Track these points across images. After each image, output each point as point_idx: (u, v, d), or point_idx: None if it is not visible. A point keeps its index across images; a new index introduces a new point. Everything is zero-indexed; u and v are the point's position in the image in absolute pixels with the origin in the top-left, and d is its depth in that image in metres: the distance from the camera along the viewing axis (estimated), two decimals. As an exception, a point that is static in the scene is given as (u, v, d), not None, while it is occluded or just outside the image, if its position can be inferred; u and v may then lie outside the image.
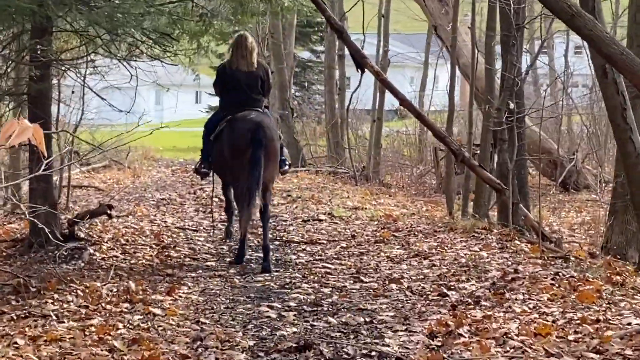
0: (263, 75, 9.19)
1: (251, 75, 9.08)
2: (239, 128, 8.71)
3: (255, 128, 8.61)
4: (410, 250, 9.56)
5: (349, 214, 13.22)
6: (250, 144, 8.56)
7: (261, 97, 9.21)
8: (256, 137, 8.55)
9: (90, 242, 9.41)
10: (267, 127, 8.74)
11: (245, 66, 9.05)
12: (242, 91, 9.01)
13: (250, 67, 9.07)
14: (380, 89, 18.63)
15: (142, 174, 19.33)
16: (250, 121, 8.71)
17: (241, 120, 8.76)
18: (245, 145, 8.58)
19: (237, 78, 9.01)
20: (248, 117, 8.77)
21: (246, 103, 8.99)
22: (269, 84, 9.34)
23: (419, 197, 17.65)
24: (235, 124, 8.78)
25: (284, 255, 9.69)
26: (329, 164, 19.64)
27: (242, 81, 9.04)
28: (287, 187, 16.48)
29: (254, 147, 8.55)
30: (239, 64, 9.05)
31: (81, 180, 17.13)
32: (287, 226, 12.08)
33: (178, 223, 12.02)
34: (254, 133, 8.57)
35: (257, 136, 8.55)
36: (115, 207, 9.65)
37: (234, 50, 9.09)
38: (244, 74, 9.06)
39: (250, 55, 9.07)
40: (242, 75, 9.05)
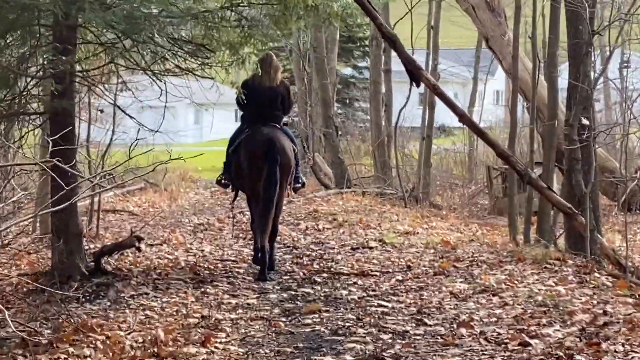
0: (284, 92, 9.59)
1: (273, 91, 9.49)
2: (253, 145, 9.17)
3: (268, 143, 9.07)
4: (476, 284, 8.48)
5: (401, 239, 12.17)
6: (264, 160, 9.03)
7: (281, 113, 9.61)
8: (270, 152, 9.02)
9: (119, 277, 8.44)
10: (280, 143, 9.15)
11: (267, 82, 9.44)
12: (262, 106, 9.41)
13: (272, 83, 9.47)
14: (430, 105, 17.58)
15: (179, 196, 18.42)
16: (264, 137, 9.15)
17: (254, 136, 9.21)
18: (260, 159, 9.06)
19: (259, 93, 9.35)
20: (262, 133, 9.20)
21: (265, 117, 9.39)
22: (289, 101, 9.75)
23: (473, 220, 16.55)
24: (250, 140, 9.23)
25: (334, 291, 8.65)
26: (376, 185, 18.60)
27: (263, 96, 9.41)
28: (333, 210, 15.47)
29: (269, 164, 9.02)
30: (262, 80, 9.41)
31: (115, 204, 16.24)
32: (334, 254, 11.06)
33: (216, 252, 11.04)
34: (267, 150, 9.04)
35: (271, 151, 9.03)
36: (144, 239, 8.69)
37: (259, 66, 9.35)
38: (265, 90, 9.44)
39: (274, 72, 9.51)
40: (264, 91, 9.42)
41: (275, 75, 9.51)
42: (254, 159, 9.16)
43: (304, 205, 16.30)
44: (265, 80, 9.43)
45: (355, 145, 24.87)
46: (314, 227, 13.63)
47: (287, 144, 9.32)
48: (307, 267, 9.98)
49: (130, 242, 8.22)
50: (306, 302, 8.08)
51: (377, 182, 18.73)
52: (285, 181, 9.35)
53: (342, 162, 18.50)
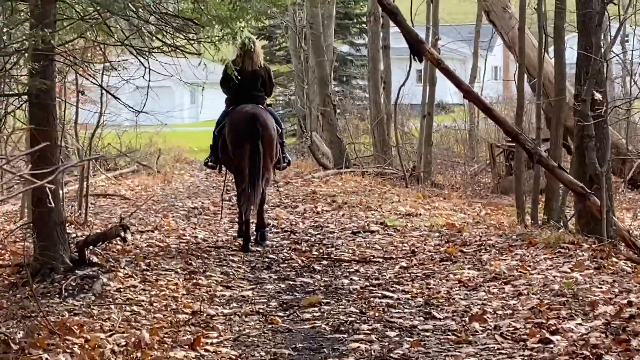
0: (265, 75, 10.02)
1: (254, 74, 9.88)
2: (237, 121, 9.57)
3: (251, 120, 9.44)
4: (485, 271, 7.95)
5: (404, 222, 11.65)
6: (248, 135, 9.40)
7: (263, 94, 10.04)
8: (253, 128, 9.40)
9: (105, 269, 7.90)
10: (262, 118, 9.51)
11: (249, 65, 9.81)
12: (245, 88, 9.75)
13: (254, 67, 9.85)
14: (430, 81, 17.00)
15: (173, 178, 17.84)
16: (247, 113, 9.53)
17: (238, 113, 9.60)
18: (244, 136, 9.43)
19: (242, 75, 9.46)
20: (244, 110, 9.59)
21: (248, 98, 9.80)
22: (271, 82, 10.16)
23: (476, 199, 15.99)
24: (234, 117, 9.63)
25: (335, 280, 8.12)
26: (376, 164, 18.03)
27: (245, 79, 9.62)
28: (332, 191, 14.93)
29: (252, 138, 9.39)
30: (244, 63, 9.76)
31: (106, 188, 15.68)
32: (334, 239, 10.53)
33: (210, 239, 10.50)
34: (250, 124, 9.42)
35: (254, 127, 9.40)
36: (129, 228, 8.13)
37: (242, 50, 9.75)
38: (247, 73, 9.74)
39: (256, 56, 9.89)
40: (246, 74, 9.68)
41: (257, 59, 9.90)
42: (237, 135, 9.52)
43: (301, 186, 15.76)
44: (247, 64, 9.78)
45: (354, 123, 24.27)
46: (312, 210, 13.10)
47: (269, 121, 9.67)
48: (306, 254, 9.45)
49: (116, 231, 7.66)
50: (305, 293, 7.56)
51: (377, 162, 18.17)
52: (269, 156, 9.64)
53: (340, 142, 17.91)
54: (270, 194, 14.94)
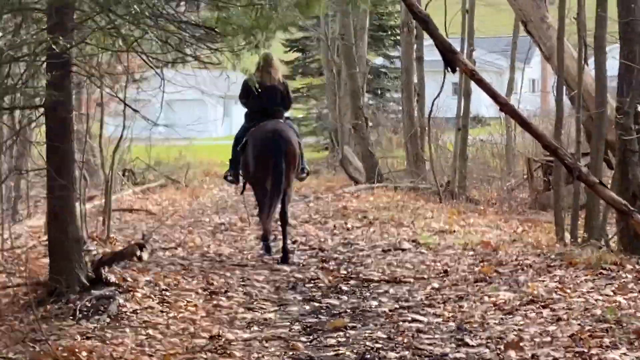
0: (283, 90, 10.16)
1: (273, 88, 9.98)
2: (260, 138, 9.67)
3: (273, 136, 9.60)
4: (522, 293, 7.50)
5: (437, 240, 11.23)
6: (271, 151, 9.53)
7: (282, 108, 10.17)
8: (276, 145, 9.54)
9: (122, 289, 7.54)
10: (284, 134, 9.68)
11: (268, 80, 9.87)
12: (264, 103, 9.89)
13: (272, 82, 9.97)
14: (465, 93, 16.56)
15: (202, 193, 17.53)
16: (269, 130, 9.67)
17: (261, 130, 9.69)
18: (268, 153, 9.55)
19: (260, 91, 9.40)
20: (266, 127, 9.71)
21: (267, 113, 9.91)
22: (289, 97, 10.33)
23: (513, 215, 15.50)
24: (256, 134, 9.71)
25: (363, 302, 7.72)
26: (409, 179, 17.60)
27: (264, 93, 9.67)
28: (363, 206, 14.54)
29: (276, 154, 9.51)
30: (262, 78, 9.70)
31: (133, 203, 15.40)
32: (364, 257, 10.13)
33: (235, 257, 10.14)
34: (273, 141, 9.56)
35: (277, 144, 9.54)
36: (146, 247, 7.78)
37: (260, 66, 9.85)
38: (266, 88, 9.75)
39: (274, 71, 10.03)
40: (265, 89, 9.66)
41: (275, 74, 10.04)
42: (260, 151, 9.63)
43: (332, 201, 15.38)
44: (265, 79, 9.83)
45: (387, 137, 23.85)
46: (342, 226, 12.72)
47: (291, 135, 9.82)
48: (334, 273, 9.06)
49: (132, 250, 7.32)
50: (331, 316, 7.16)
51: (410, 176, 17.74)
52: (291, 171, 9.78)
53: (372, 156, 17.50)
54: (300, 210, 14.60)
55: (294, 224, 12.99)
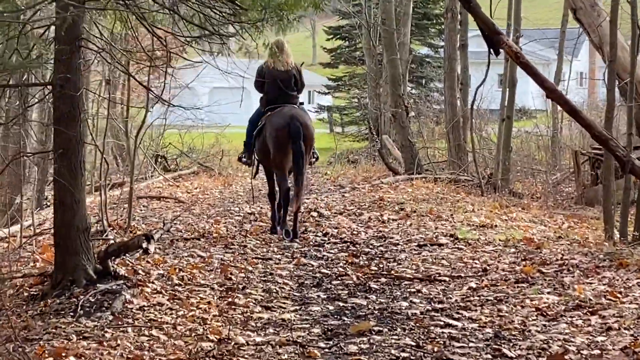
0: (296, 74, 10.43)
1: (286, 74, 10.33)
2: (277, 124, 10.00)
3: (291, 122, 9.93)
4: (568, 297, 6.81)
5: (476, 235, 10.55)
6: (290, 136, 9.90)
7: (295, 93, 10.45)
8: (295, 129, 9.88)
9: (131, 282, 6.97)
10: (302, 119, 10.04)
11: (280, 66, 10.27)
12: (278, 88, 10.26)
13: (285, 67, 10.30)
14: (510, 82, 15.80)
15: (235, 181, 16.94)
16: (287, 115, 10.01)
17: (278, 115, 10.05)
18: (286, 137, 9.91)
19: (274, 76, 10.22)
20: (283, 112, 10.06)
21: (282, 98, 10.26)
22: (301, 82, 10.51)
23: (558, 211, 14.74)
24: (275, 119, 10.05)
25: (392, 302, 7.07)
26: (450, 170, 16.87)
27: (278, 79, 10.25)
28: (400, 198, 13.85)
29: (295, 138, 9.88)
30: (275, 64, 10.23)
31: (163, 190, 14.86)
32: (397, 253, 9.48)
33: (260, 248, 9.55)
34: (292, 126, 9.90)
35: (294, 128, 9.89)
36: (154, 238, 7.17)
37: (273, 52, 9.83)
38: (280, 73, 10.28)
39: (286, 57, 10.30)
40: (279, 74, 10.27)
41: (287, 60, 10.32)
42: (280, 136, 9.96)
43: (368, 192, 14.71)
44: (278, 65, 10.25)
45: (429, 127, 23.09)
46: (377, 219, 12.05)
47: (308, 121, 10.22)
48: (363, 270, 8.42)
49: (138, 242, 6.73)
50: (355, 318, 6.52)
51: (451, 168, 17.00)
52: (308, 154, 10.17)
53: (412, 145, 16.76)
54: (335, 200, 13.98)
55: (327, 215, 12.38)
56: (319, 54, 65.96)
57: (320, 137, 36.09)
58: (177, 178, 16.64)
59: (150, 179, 15.89)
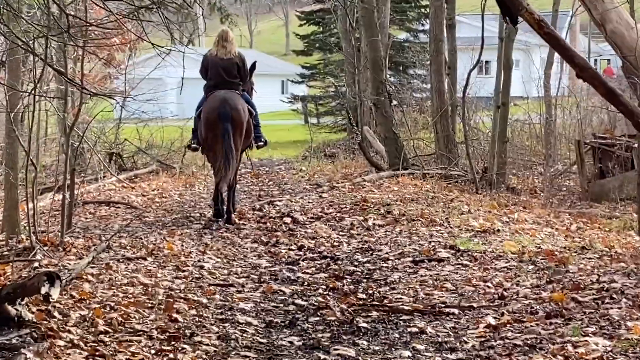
0: (239, 62, 10.73)
1: (229, 61, 10.64)
2: (209, 107, 10.40)
3: (221, 104, 10.29)
4: (623, 342, 5.09)
5: (480, 244, 8.87)
6: (218, 117, 10.23)
7: (238, 80, 10.71)
8: (223, 111, 10.24)
9: (40, 332, 5.17)
10: (231, 101, 10.35)
11: (223, 54, 10.61)
12: (219, 75, 10.58)
13: (228, 55, 10.63)
14: (505, 65, 14.07)
15: (199, 181, 15.09)
16: (218, 98, 10.37)
17: (212, 98, 10.46)
18: (215, 119, 10.26)
19: (216, 64, 10.58)
20: (217, 95, 10.42)
21: (223, 85, 10.56)
22: (245, 70, 10.81)
23: (562, 209, 13.03)
24: (207, 102, 10.49)
25: (388, 351, 5.32)
26: (439, 165, 15.11)
27: (220, 66, 10.59)
28: (386, 198, 12.10)
29: (222, 120, 10.21)
30: (218, 53, 10.63)
31: (115, 193, 13.04)
32: (389, 272, 7.75)
33: (220, 269, 7.77)
34: (220, 108, 10.27)
35: (224, 110, 10.24)
36: (60, 277, 5.32)
37: (217, 41, 10.72)
38: (222, 61, 10.61)
39: (229, 45, 10.67)
40: (221, 62, 10.61)
41: (230, 48, 10.66)
42: (209, 118, 10.32)
43: (349, 192, 12.93)
44: (221, 53, 10.61)
45: (412, 117, 21.31)
46: (361, 225, 10.33)
47: (240, 104, 10.46)
48: (348, 299, 6.66)
49: (37, 283, 4.90)
50: None
51: (440, 162, 15.24)
52: (239, 137, 10.41)
53: (397, 138, 14.96)
54: (311, 202, 12.23)
55: (302, 221, 10.65)
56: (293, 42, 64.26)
57: (295, 129, 34.28)
58: (133, 178, 14.79)
59: (102, 180, 14.04)
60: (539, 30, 6.49)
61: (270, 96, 48.35)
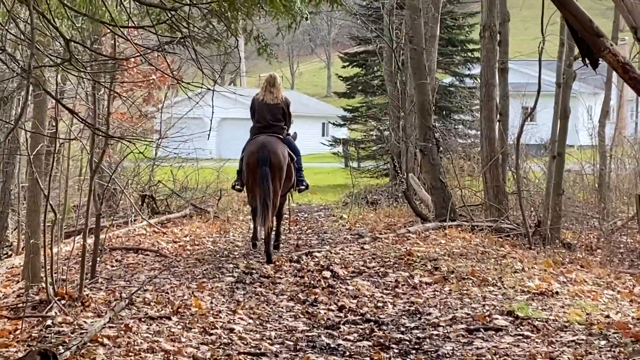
0: (285, 107, 11.14)
1: (275, 106, 11.05)
2: (249, 150, 10.80)
3: (259, 149, 10.64)
4: None
5: (539, 309, 8.00)
6: (258, 161, 10.58)
7: (282, 123, 11.10)
8: (262, 155, 10.58)
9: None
10: (271, 146, 10.67)
11: (270, 99, 11.03)
12: (264, 118, 10.99)
13: (275, 100, 11.05)
14: (562, 113, 13.20)
15: (234, 227, 14.32)
16: (259, 142, 10.75)
17: (253, 142, 10.87)
18: (254, 163, 10.62)
19: (263, 108, 10.99)
20: (258, 139, 10.82)
21: (267, 128, 10.95)
22: (289, 114, 11.22)
23: (623, 269, 12.08)
24: (249, 147, 10.89)
25: None
26: (488, 217, 14.21)
27: (266, 110, 11.00)
28: (432, 252, 11.24)
29: (260, 164, 10.56)
30: (265, 97, 11.04)
31: (145, 238, 12.31)
32: (440, 341, 6.91)
33: (253, 332, 6.97)
34: (259, 153, 10.61)
35: (262, 154, 10.58)
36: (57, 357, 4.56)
37: (264, 86, 11.16)
38: (268, 105, 11.02)
39: (276, 91, 11.10)
40: (267, 107, 11.01)
41: (277, 94, 11.07)
42: (249, 162, 10.67)
43: (393, 244, 12.09)
44: (268, 98, 11.01)
45: (458, 164, 20.45)
46: (406, 282, 9.50)
47: (280, 148, 10.76)
48: (397, 377, 5.82)
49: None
50: None
51: (489, 213, 14.34)
52: (278, 181, 10.68)
53: (444, 187, 14.11)
54: (352, 254, 11.41)
55: (343, 276, 9.83)
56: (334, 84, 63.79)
57: (335, 172, 33.52)
58: (165, 222, 14.06)
59: (132, 224, 13.33)
60: (623, 75, 5.70)
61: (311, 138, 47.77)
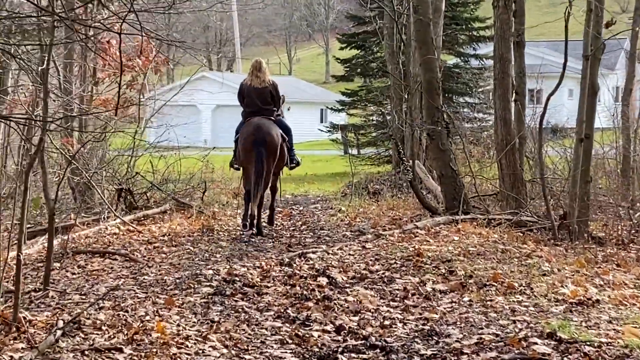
0: (272, 90, 11.88)
1: (263, 90, 11.81)
2: (245, 132, 11.60)
3: (254, 130, 11.45)
4: None
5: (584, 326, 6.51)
6: (253, 142, 11.38)
7: (271, 106, 11.90)
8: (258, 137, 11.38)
9: None
10: (265, 127, 11.49)
11: (258, 83, 11.77)
12: (254, 102, 11.78)
13: (263, 84, 11.80)
14: (590, 89, 11.59)
15: (219, 223, 12.72)
16: (253, 124, 11.56)
17: (248, 124, 11.68)
18: (250, 144, 11.41)
19: (251, 92, 11.78)
20: (252, 121, 11.62)
21: (257, 111, 11.77)
22: (277, 96, 11.97)
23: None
24: (243, 129, 11.70)
25: None
26: (505, 208, 12.61)
27: (255, 95, 11.78)
28: (445, 251, 9.68)
29: (256, 145, 11.35)
30: (252, 82, 11.80)
31: (116, 239, 10.74)
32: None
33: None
34: (255, 134, 11.41)
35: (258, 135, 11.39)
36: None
37: (251, 71, 11.92)
38: (257, 89, 11.78)
39: (263, 75, 11.82)
40: (255, 91, 11.78)
41: (264, 77, 11.76)
42: (245, 143, 11.44)
43: (398, 242, 10.49)
44: (255, 82, 11.73)
45: (466, 150, 18.82)
46: (417, 290, 7.97)
47: (274, 129, 11.55)
48: None
49: None
50: None
51: (506, 204, 12.75)
52: (272, 160, 11.46)
53: (456, 176, 12.50)
54: (352, 254, 9.85)
55: (341, 283, 8.29)
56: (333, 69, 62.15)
57: (333, 160, 31.92)
58: (142, 219, 12.48)
59: (104, 222, 11.77)
60: None
61: (309, 125, 46.19)
